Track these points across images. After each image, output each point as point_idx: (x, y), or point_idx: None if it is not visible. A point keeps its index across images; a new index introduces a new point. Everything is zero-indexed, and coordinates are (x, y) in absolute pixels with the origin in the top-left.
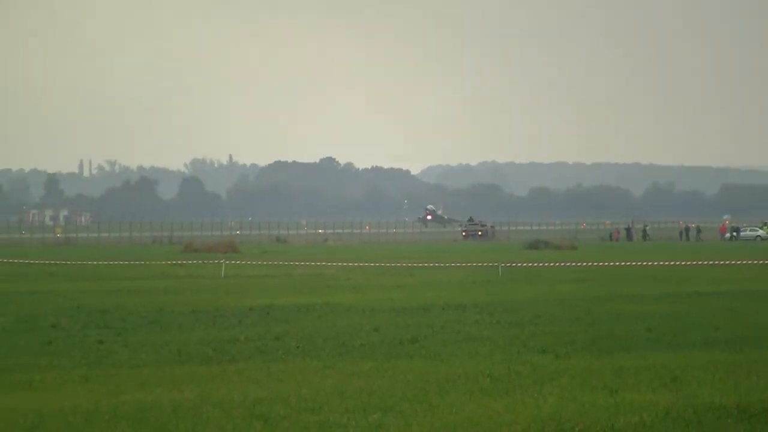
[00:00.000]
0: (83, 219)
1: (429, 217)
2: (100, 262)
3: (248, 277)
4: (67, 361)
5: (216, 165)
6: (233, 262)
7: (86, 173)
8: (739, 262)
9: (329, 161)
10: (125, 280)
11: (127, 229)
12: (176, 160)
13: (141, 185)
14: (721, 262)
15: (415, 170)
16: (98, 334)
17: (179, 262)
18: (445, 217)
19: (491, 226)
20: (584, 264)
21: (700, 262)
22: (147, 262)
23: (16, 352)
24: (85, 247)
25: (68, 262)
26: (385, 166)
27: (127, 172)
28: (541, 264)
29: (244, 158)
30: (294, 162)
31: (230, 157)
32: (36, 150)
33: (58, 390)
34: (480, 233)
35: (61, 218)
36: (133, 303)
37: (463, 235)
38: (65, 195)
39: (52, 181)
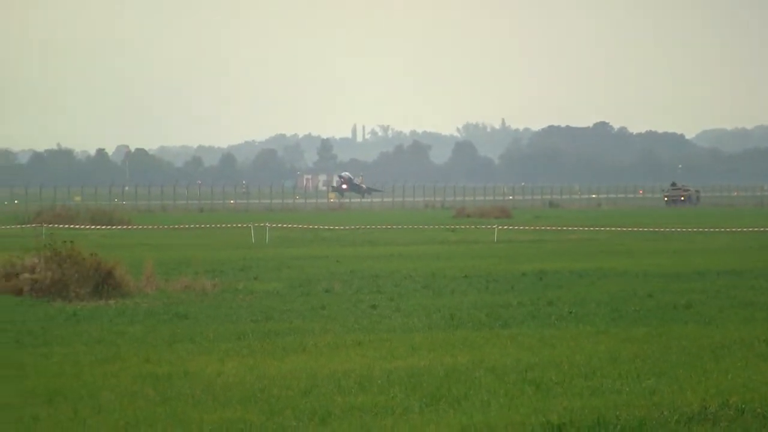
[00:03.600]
0: None
1: (344, 186)
2: (373, 227)
3: (521, 242)
4: (340, 325)
5: (489, 129)
6: (506, 227)
7: (359, 138)
8: None
9: (602, 126)
10: (398, 245)
11: (400, 194)
12: (449, 125)
13: (413, 150)
14: None
15: (689, 134)
16: (371, 299)
17: (452, 227)
18: (364, 186)
19: (696, 191)
20: None
21: None
22: (419, 227)
23: (291, 316)
24: (357, 211)
25: (341, 227)
26: (659, 131)
27: (399, 136)
28: None
29: (517, 122)
30: (567, 126)
31: (503, 121)
32: (310, 116)
33: (331, 354)
34: (682, 198)
35: (335, 183)
36: (405, 268)
37: (665, 201)
38: (338, 160)
39: (326, 146)
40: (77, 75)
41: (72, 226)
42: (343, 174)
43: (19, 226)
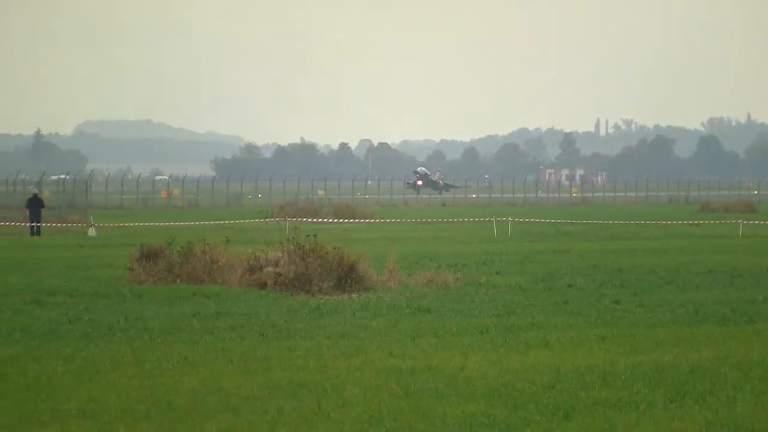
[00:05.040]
0: (599, 178)
1: (419, 182)
2: (616, 222)
3: (767, 237)
4: (583, 320)
5: (734, 123)
6: (751, 222)
7: (602, 132)
8: None
9: None
10: (641, 239)
11: (643, 189)
12: (693, 119)
13: (657, 144)
14: None
15: None
16: (614, 294)
17: (696, 221)
18: (441, 182)
19: None
20: None
21: None
22: (663, 222)
23: (533, 310)
24: (600, 206)
25: (584, 222)
26: None
27: (643, 130)
28: None
29: (764, 116)
30: None
31: (748, 115)
32: (554, 109)
33: (574, 349)
34: None
35: (577, 177)
36: (649, 263)
37: None
38: (581, 154)
39: (568, 140)
40: (319, 73)
41: (315, 219)
42: (418, 169)
43: (263, 219)
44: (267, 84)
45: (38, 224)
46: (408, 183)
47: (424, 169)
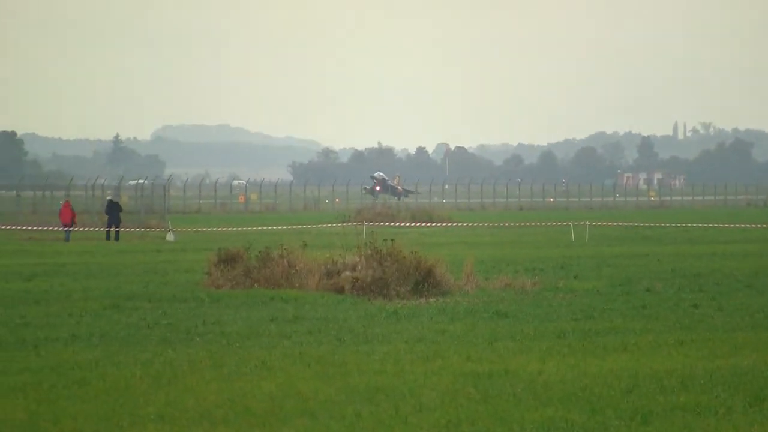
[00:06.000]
0: (677, 182)
1: (377, 188)
2: (694, 225)
3: None
4: (661, 324)
5: None
6: None
7: (680, 136)
8: None
9: None
10: (719, 243)
11: (722, 192)
12: None
13: (735, 148)
14: None
15: None
16: (693, 298)
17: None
18: (399, 187)
19: None
20: None
21: None
22: (741, 226)
23: (611, 315)
24: (679, 210)
25: (662, 225)
26: None
27: (721, 134)
28: None
29: None
30: None
31: None
32: (632, 113)
33: (652, 353)
34: None
35: (655, 181)
36: (728, 266)
37: None
38: (659, 158)
39: (646, 144)
40: (397, 77)
41: (392, 224)
42: (376, 174)
43: (340, 224)
44: (343, 88)
45: (117, 229)
46: (365, 188)
47: (381, 174)
